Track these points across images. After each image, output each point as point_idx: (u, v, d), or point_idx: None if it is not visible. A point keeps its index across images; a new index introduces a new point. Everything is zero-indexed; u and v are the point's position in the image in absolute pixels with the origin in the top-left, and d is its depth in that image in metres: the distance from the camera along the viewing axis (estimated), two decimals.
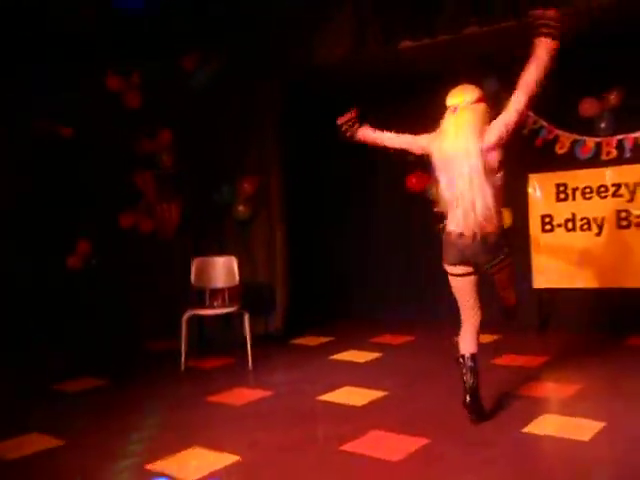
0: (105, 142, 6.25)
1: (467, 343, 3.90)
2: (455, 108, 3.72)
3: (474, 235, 3.61)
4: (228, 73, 6.26)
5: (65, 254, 6.20)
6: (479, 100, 3.74)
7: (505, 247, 3.77)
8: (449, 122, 3.72)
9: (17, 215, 6.01)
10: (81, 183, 6.34)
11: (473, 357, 3.83)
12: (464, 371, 3.79)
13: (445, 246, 3.78)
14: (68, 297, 6.20)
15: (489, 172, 3.57)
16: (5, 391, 5.08)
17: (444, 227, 3.78)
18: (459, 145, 3.61)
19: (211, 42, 6.21)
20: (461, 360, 3.85)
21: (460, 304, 3.97)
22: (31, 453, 3.62)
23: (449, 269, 3.85)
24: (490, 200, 3.53)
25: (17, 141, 6.01)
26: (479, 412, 3.74)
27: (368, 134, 4.15)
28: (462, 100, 3.72)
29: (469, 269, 3.79)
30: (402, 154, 4.14)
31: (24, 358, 5.85)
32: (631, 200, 5.79)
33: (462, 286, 3.88)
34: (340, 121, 4.16)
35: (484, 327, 6.15)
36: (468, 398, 3.71)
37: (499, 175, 3.64)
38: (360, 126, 4.16)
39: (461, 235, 3.65)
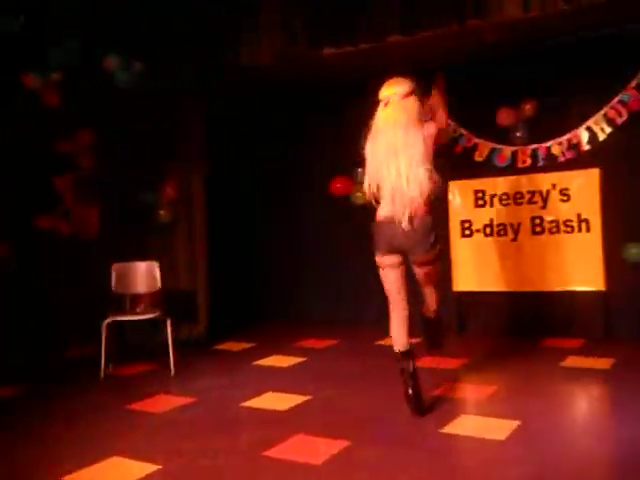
0: (22, 141, 6.02)
1: (400, 338, 4.00)
2: (387, 102, 3.85)
3: (404, 220, 3.73)
4: (151, 77, 6.16)
5: None
6: (410, 93, 3.88)
7: (435, 236, 3.89)
8: (381, 116, 3.85)
9: None
10: None
11: (408, 353, 3.97)
12: (400, 370, 3.95)
13: (375, 236, 3.93)
14: None
15: (426, 162, 3.78)
16: None
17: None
18: (397, 136, 3.76)
19: (132, 45, 6.10)
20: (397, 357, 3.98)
21: (390, 298, 4.04)
22: None
23: (379, 260, 3.98)
24: (424, 189, 3.75)
25: None
26: (420, 406, 3.90)
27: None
28: (393, 92, 3.85)
29: (399, 259, 3.92)
30: None
31: None
32: (544, 207, 6.03)
33: (392, 279, 3.97)
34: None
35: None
36: (410, 391, 3.87)
37: (432, 167, 3.83)
38: None
39: (391, 220, 3.79)
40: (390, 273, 3.98)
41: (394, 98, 3.84)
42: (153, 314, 5.35)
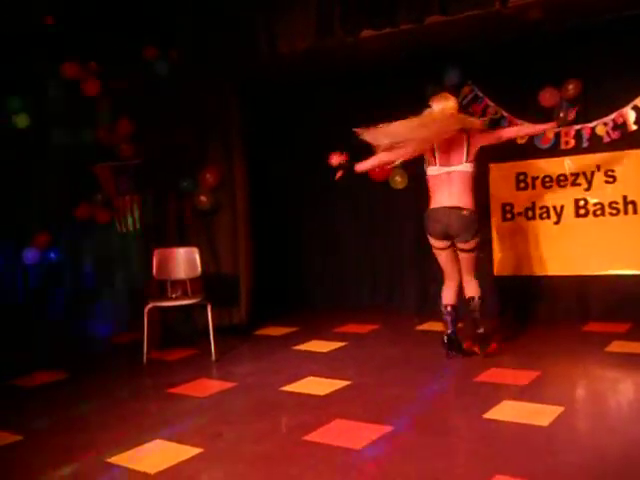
0: (62, 132, 6.11)
1: (448, 295, 4.93)
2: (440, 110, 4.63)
3: (452, 209, 4.62)
4: (189, 64, 6.19)
5: (22, 247, 6.06)
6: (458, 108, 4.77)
7: (477, 225, 4.72)
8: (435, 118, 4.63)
9: None
10: (38, 175, 6.20)
11: (454, 307, 4.89)
12: (444, 318, 4.89)
13: (428, 222, 4.82)
14: (31, 290, 6.08)
15: (471, 162, 4.74)
16: None
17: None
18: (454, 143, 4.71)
19: (171, 34, 6.13)
20: (442, 309, 4.93)
21: (444, 271, 4.97)
22: None
23: (432, 242, 4.86)
24: (468, 184, 4.73)
25: None
26: (456, 348, 4.85)
27: (365, 164, 4.88)
28: (445, 106, 4.67)
29: (447, 243, 4.78)
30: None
31: None
32: (588, 189, 5.89)
33: (444, 258, 4.89)
34: (334, 163, 4.87)
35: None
36: (445, 339, 4.84)
37: (474, 164, 4.77)
38: (351, 166, 4.83)
39: (442, 209, 4.68)
40: (441, 254, 4.88)
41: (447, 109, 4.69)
42: (194, 300, 5.40)
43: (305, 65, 6.20)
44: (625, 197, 5.74)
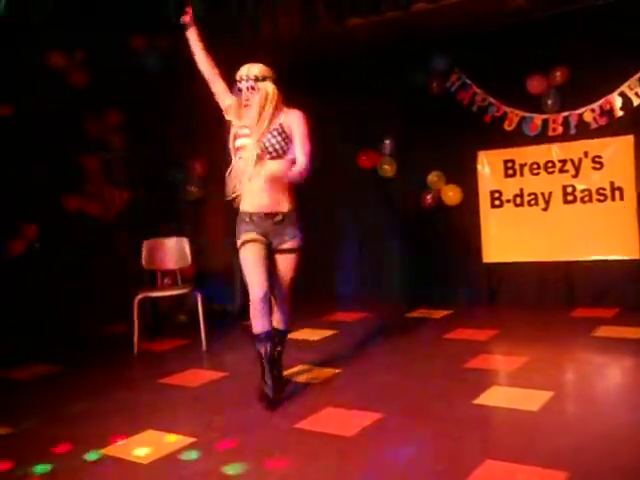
0: (49, 122, 6.06)
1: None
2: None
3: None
4: (176, 55, 6.14)
5: (7, 239, 6.00)
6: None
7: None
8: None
9: None
10: (24, 165, 6.14)
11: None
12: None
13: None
14: (12, 283, 6.02)
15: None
16: None
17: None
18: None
19: (158, 23, 6.08)
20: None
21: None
22: None
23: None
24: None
25: None
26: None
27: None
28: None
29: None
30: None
31: None
32: (576, 175, 5.93)
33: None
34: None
35: (436, 302, 6.29)
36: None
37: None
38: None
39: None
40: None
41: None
42: (184, 289, 5.40)
43: (291, 52, 6.17)
44: (612, 183, 5.79)
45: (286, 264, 3.95)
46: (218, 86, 3.93)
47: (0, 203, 5.93)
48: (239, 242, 3.82)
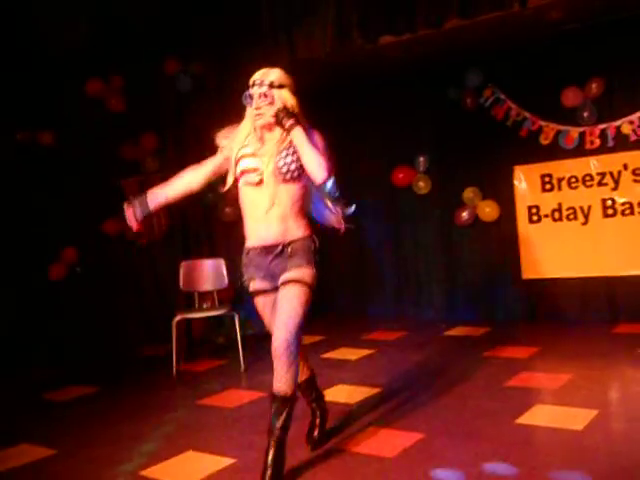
0: (88, 147, 6.18)
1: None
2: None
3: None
4: (209, 77, 6.25)
5: (47, 263, 6.12)
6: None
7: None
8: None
9: (6, 226, 5.92)
10: (64, 190, 6.27)
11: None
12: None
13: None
14: (53, 307, 6.12)
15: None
16: None
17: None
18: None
19: (191, 48, 6.20)
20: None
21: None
22: (22, 464, 3.58)
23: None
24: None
25: (2, 150, 5.94)
26: None
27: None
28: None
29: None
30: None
31: (11, 369, 5.78)
32: (615, 188, 5.82)
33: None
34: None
35: (475, 319, 6.22)
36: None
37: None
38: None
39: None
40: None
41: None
42: (221, 311, 5.42)
43: (324, 71, 6.20)
44: None
45: (287, 298, 3.04)
46: (206, 170, 3.31)
47: (40, 228, 6.06)
48: (249, 288, 3.24)
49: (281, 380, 3.12)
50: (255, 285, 3.20)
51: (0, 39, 5.63)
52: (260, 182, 3.08)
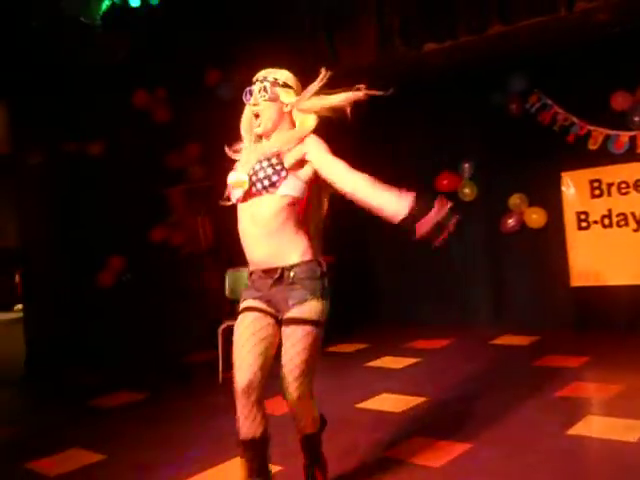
0: (134, 157, 6.31)
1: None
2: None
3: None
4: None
5: (97, 270, 6.25)
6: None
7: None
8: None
9: (50, 233, 6.07)
10: (111, 199, 6.40)
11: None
12: None
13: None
14: (102, 313, 6.25)
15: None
16: (45, 408, 5.15)
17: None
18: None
19: (232, 58, 6.26)
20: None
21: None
22: (73, 469, 3.65)
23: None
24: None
25: (50, 159, 6.10)
26: None
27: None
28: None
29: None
30: None
31: (60, 374, 5.91)
32: None
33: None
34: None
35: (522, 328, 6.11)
36: None
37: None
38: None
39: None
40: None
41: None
42: None
43: (369, 80, 6.20)
44: None
45: (291, 342, 2.70)
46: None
47: (88, 237, 6.20)
48: (240, 306, 2.85)
49: (300, 422, 2.99)
50: (248, 302, 2.76)
51: (50, 57, 5.78)
52: (245, 198, 2.67)
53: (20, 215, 6.57)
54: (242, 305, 2.79)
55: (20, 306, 8.58)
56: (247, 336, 2.72)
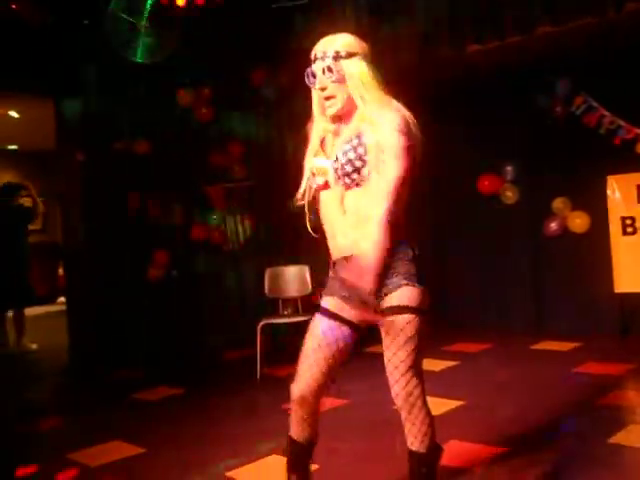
0: (179, 155, 6.39)
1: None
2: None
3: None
4: (293, 86, 6.34)
5: (141, 266, 6.35)
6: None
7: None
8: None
9: (101, 230, 6.20)
10: (154, 196, 6.49)
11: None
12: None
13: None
14: (147, 309, 6.35)
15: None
16: (87, 400, 5.25)
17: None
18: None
19: (277, 58, 6.30)
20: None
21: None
22: (114, 460, 3.72)
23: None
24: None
25: (96, 157, 6.22)
26: None
27: None
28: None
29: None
30: None
31: (103, 367, 6.02)
32: None
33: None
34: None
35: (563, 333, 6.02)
36: None
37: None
38: None
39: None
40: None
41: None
42: (304, 317, 5.46)
43: (412, 82, 6.18)
44: None
45: (393, 335, 2.44)
46: None
47: (136, 231, 6.31)
48: (321, 301, 2.68)
49: (409, 436, 2.57)
50: (328, 303, 2.59)
51: (98, 56, 5.89)
52: (326, 185, 2.51)
53: (64, 210, 6.73)
54: (322, 302, 2.62)
55: (63, 299, 8.78)
56: (314, 347, 2.58)
